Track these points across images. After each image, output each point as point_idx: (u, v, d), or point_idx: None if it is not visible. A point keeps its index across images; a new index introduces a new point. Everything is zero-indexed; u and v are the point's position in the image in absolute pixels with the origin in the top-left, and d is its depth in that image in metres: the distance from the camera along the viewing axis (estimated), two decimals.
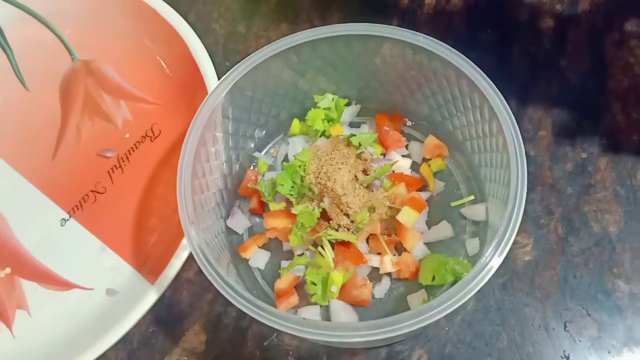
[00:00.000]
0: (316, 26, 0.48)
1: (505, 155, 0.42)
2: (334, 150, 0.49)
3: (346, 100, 0.53)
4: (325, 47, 0.48)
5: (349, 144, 0.50)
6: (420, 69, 0.48)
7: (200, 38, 0.58)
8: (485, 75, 0.43)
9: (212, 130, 0.47)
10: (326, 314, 0.47)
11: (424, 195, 0.50)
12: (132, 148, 0.57)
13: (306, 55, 0.48)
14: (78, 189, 0.55)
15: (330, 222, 0.47)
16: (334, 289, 0.45)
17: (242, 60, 0.47)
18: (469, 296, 0.38)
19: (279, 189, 0.48)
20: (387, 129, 0.52)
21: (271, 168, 0.54)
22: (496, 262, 0.38)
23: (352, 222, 0.46)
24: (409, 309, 0.47)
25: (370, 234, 0.48)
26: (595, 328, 0.46)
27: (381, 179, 0.49)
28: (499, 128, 0.42)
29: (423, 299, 0.46)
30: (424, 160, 0.52)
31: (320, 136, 0.52)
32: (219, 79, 0.55)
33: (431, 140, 0.52)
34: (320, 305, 0.47)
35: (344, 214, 0.46)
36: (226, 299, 0.40)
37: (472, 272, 0.38)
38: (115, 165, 0.56)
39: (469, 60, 0.44)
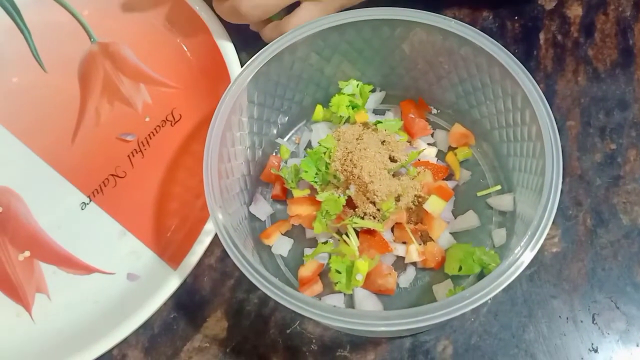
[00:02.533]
0: (341, 11, 0.47)
1: (539, 144, 0.41)
2: (360, 137, 0.48)
3: (371, 87, 0.52)
4: (353, 32, 0.47)
5: (374, 130, 0.49)
6: (450, 55, 0.47)
7: (221, 21, 0.57)
8: (519, 63, 0.42)
9: (237, 114, 0.46)
10: (350, 303, 0.47)
11: (450, 184, 0.49)
12: (152, 132, 0.56)
13: (333, 40, 0.48)
14: (98, 172, 0.55)
15: (356, 209, 0.46)
16: (359, 277, 0.44)
17: (270, 44, 0.46)
18: (499, 289, 0.37)
19: (303, 175, 0.47)
20: (413, 116, 0.51)
21: (293, 155, 0.53)
22: (528, 256, 0.38)
23: (378, 210, 0.46)
24: (434, 299, 0.46)
25: (396, 223, 0.47)
26: (624, 321, 0.45)
27: (407, 167, 0.49)
28: (532, 116, 0.42)
29: (449, 290, 0.46)
30: (450, 148, 0.51)
31: (344, 123, 0.52)
32: (240, 63, 0.55)
33: (457, 128, 0.51)
34: (344, 294, 0.47)
35: (370, 202, 0.46)
36: (248, 285, 0.40)
37: (503, 265, 0.37)
38: (135, 150, 0.56)
39: (503, 48, 0.43)
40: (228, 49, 0.55)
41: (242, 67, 0.48)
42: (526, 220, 0.42)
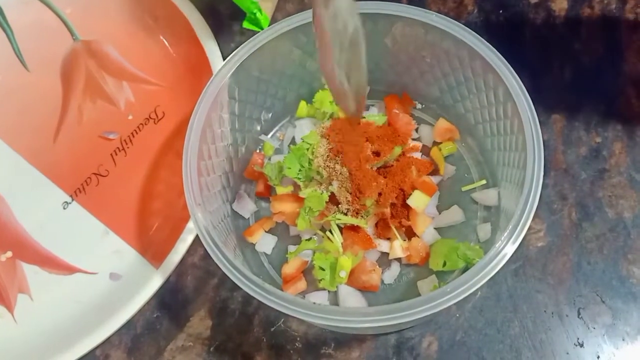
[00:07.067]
0: None
1: (521, 138, 0.40)
2: (343, 133, 0.48)
3: None
4: None
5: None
6: (432, 49, 0.47)
7: (204, 18, 0.57)
8: (500, 56, 0.42)
9: (218, 111, 0.45)
10: (334, 300, 0.47)
11: (434, 179, 0.49)
12: (135, 130, 0.56)
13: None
14: (80, 171, 0.54)
15: (339, 206, 0.46)
16: (343, 274, 0.44)
17: (250, 39, 0.45)
18: (482, 282, 0.37)
19: (287, 172, 0.47)
20: (397, 111, 0.51)
21: (277, 151, 0.53)
22: (510, 249, 0.38)
23: (361, 206, 0.45)
24: (419, 295, 0.46)
25: (380, 219, 0.47)
26: (610, 315, 0.45)
27: (391, 163, 0.48)
28: (514, 110, 0.41)
29: (434, 285, 0.45)
30: (435, 143, 0.51)
31: (328, 119, 0.51)
32: (224, 60, 0.54)
33: (442, 123, 0.51)
34: (329, 291, 0.46)
35: (354, 198, 0.45)
36: (232, 284, 0.39)
37: (485, 259, 0.37)
38: (118, 148, 0.55)
39: (484, 41, 0.43)
40: (211, 46, 0.55)
41: None
42: (509, 214, 0.42)
